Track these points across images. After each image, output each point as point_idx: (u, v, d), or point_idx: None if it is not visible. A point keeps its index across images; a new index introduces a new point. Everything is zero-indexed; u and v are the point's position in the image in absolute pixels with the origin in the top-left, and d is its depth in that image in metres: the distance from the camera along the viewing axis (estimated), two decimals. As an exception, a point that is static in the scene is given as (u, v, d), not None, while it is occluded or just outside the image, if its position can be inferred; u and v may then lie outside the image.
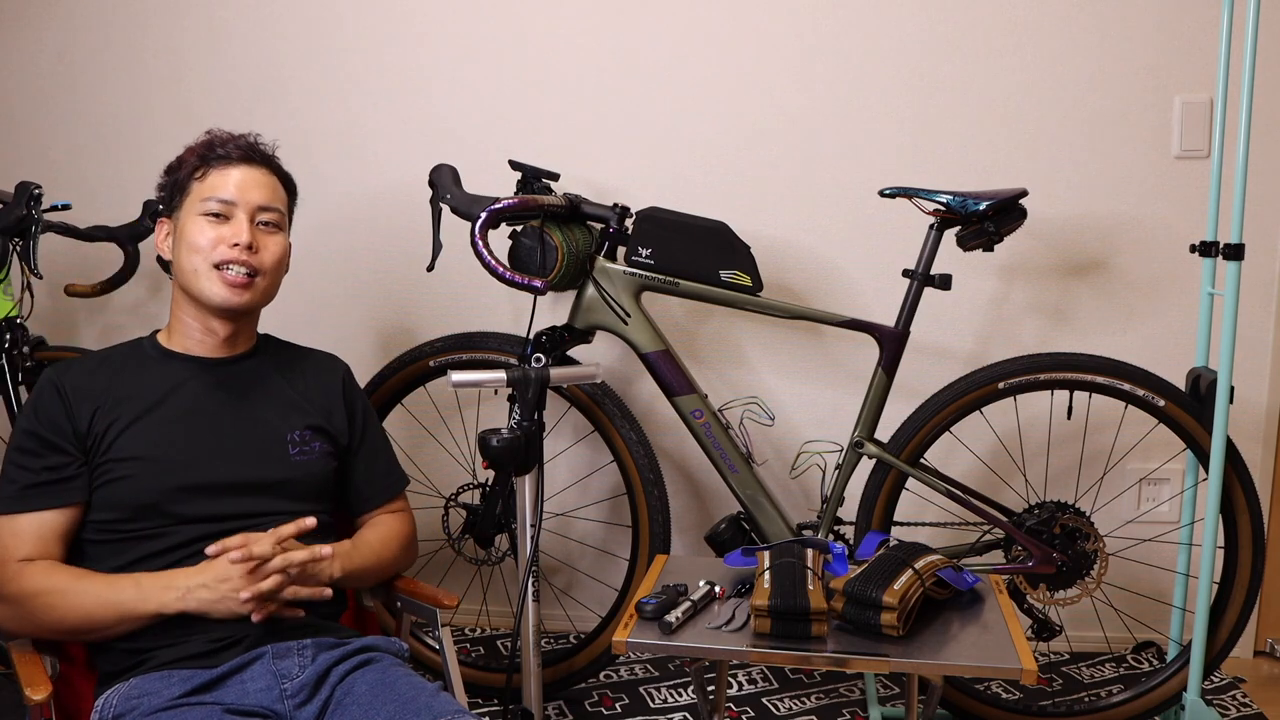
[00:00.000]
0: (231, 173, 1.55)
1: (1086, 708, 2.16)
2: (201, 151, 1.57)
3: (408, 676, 1.43)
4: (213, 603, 1.41)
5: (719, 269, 2.08)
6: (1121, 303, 2.44)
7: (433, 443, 2.63)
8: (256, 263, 1.54)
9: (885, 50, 2.41)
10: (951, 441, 2.44)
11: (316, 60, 2.56)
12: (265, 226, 1.57)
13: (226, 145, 1.57)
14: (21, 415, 1.50)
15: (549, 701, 2.29)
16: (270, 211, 1.57)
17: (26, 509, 1.44)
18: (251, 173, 1.56)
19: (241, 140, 1.59)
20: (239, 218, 1.54)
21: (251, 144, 1.60)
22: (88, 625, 1.41)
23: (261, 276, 1.56)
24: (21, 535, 1.44)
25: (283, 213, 1.61)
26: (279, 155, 1.64)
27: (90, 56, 2.62)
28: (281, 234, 1.60)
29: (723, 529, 2.13)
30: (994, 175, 2.41)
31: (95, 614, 1.40)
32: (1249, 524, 2.05)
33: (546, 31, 2.49)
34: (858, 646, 1.47)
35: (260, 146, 1.61)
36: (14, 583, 1.41)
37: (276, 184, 1.60)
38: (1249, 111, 1.83)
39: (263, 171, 1.58)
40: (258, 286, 1.56)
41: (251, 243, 1.53)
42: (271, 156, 1.62)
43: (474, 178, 2.25)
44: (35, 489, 1.45)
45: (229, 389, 1.57)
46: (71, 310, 2.69)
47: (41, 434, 1.47)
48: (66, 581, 1.41)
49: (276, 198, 1.59)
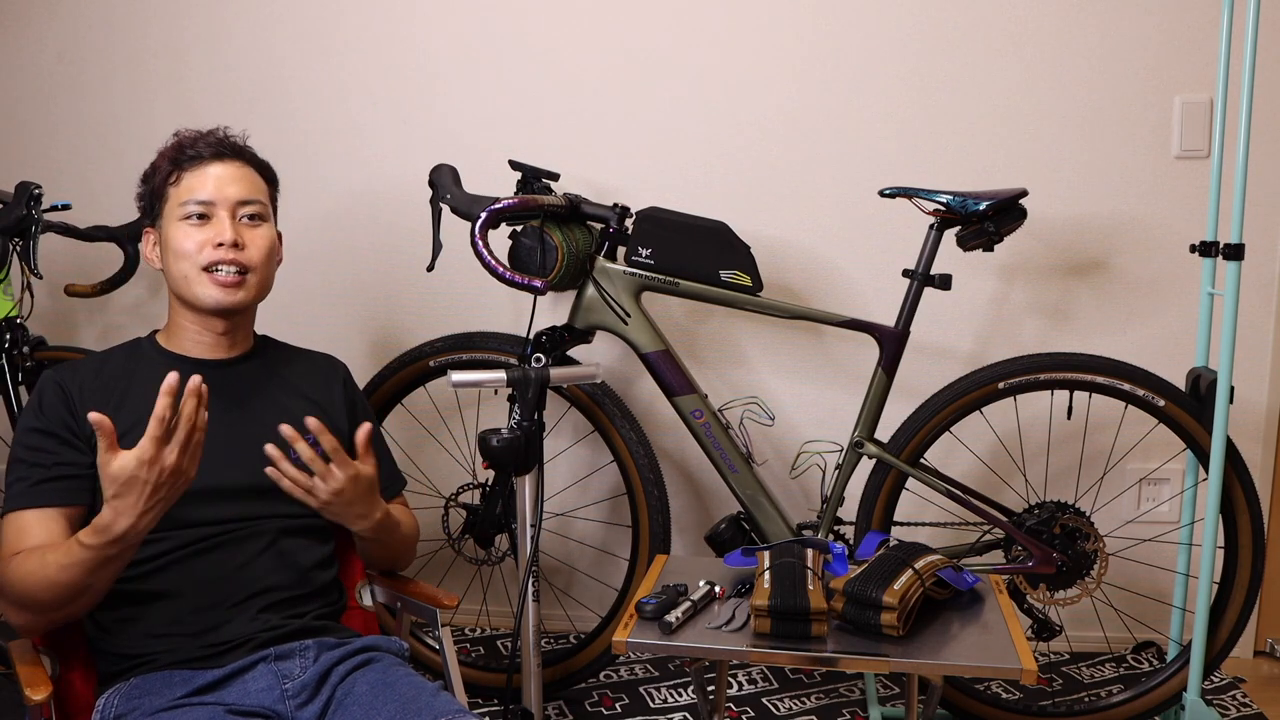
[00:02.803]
0: (205, 172, 1.51)
1: (1086, 708, 2.16)
2: (172, 155, 1.53)
3: (408, 676, 1.43)
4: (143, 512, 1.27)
5: (719, 269, 2.08)
6: (1121, 303, 2.44)
7: (433, 443, 2.63)
8: (245, 259, 1.52)
9: (885, 50, 2.41)
10: (951, 441, 2.44)
11: (316, 60, 2.56)
12: (249, 220, 1.54)
13: (196, 144, 1.53)
14: (27, 415, 1.49)
15: (549, 701, 2.29)
16: (251, 204, 1.54)
17: (36, 504, 1.42)
18: (226, 168, 1.53)
19: (210, 136, 1.55)
20: (220, 216, 1.51)
21: (221, 139, 1.55)
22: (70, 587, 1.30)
23: (253, 272, 1.54)
24: (27, 531, 1.41)
25: (264, 203, 1.57)
26: (252, 144, 1.59)
27: (91, 56, 2.62)
28: (266, 225, 1.57)
29: (723, 529, 2.14)
30: (994, 175, 2.41)
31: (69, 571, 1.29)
32: (1249, 524, 2.05)
33: (547, 31, 2.49)
34: (858, 646, 1.47)
35: (231, 139, 1.57)
36: (6, 573, 1.36)
37: (253, 175, 1.56)
38: (1249, 111, 1.83)
39: (237, 165, 1.54)
40: (250, 283, 1.54)
41: (236, 240, 1.51)
42: (243, 147, 1.58)
43: (474, 178, 2.25)
44: (48, 484, 1.43)
45: (229, 392, 1.56)
46: (71, 310, 2.69)
47: (52, 430, 1.45)
48: (39, 558, 1.33)
49: (256, 189, 1.56)
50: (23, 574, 1.34)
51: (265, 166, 1.61)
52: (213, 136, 1.55)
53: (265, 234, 1.56)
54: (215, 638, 1.43)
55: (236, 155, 1.56)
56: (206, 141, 1.54)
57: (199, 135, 1.55)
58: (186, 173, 1.52)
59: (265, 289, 1.58)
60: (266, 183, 1.60)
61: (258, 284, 1.56)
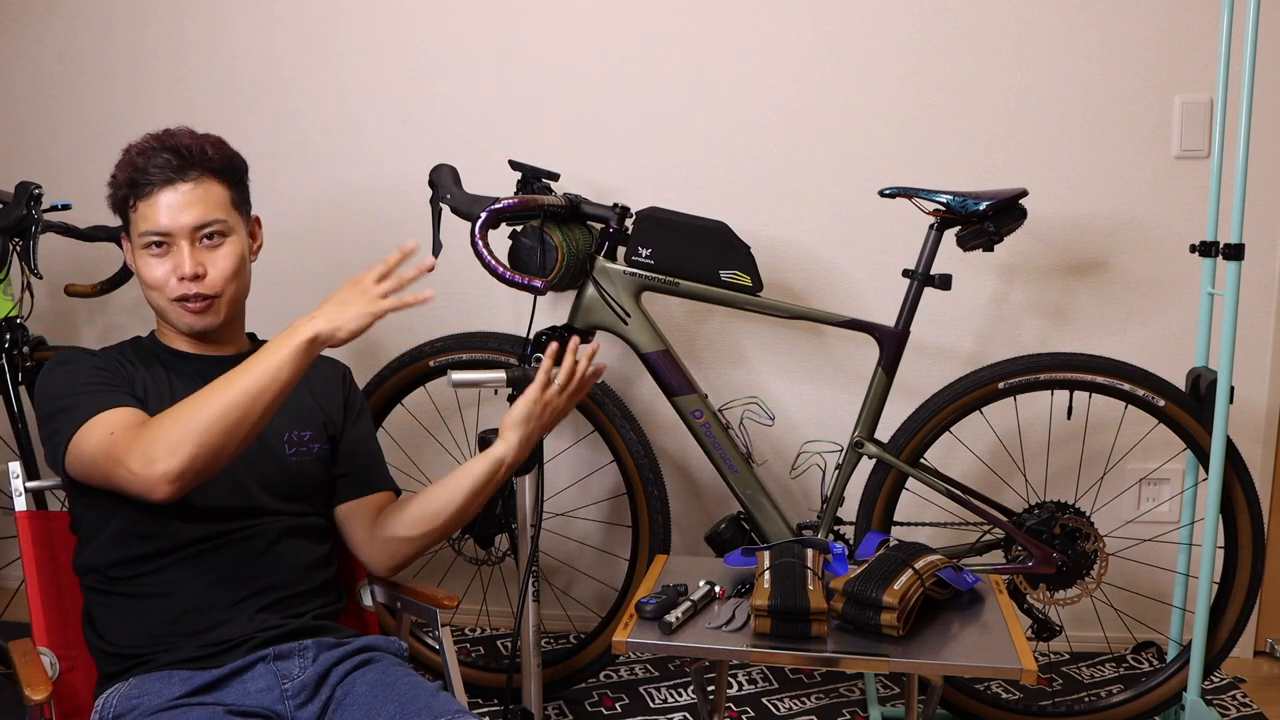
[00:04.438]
0: (158, 202, 1.45)
1: (1086, 708, 2.16)
2: (126, 176, 1.47)
3: (408, 676, 1.43)
4: (340, 315, 1.32)
5: (719, 269, 2.08)
6: (1121, 303, 2.44)
7: (433, 443, 2.63)
8: (208, 288, 1.49)
9: (885, 50, 2.41)
10: (951, 441, 2.43)
11: (316, 60, 2.56)
12: (208, 241, 1.49)
13: (148, 169, 1.45)
14: (55, 372, 1.45)
15: (549, 701, 2.29)
16: (209, 225, 1.47)
17: (124, 404, 1.40)
18: (177, 194, 1.45)
19: (160, 158, 1.46)
20: (180, 246, 1.46)
21: (168, 161, 1.46)
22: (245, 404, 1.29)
23: (219, 296, 1.51)
24: (128, 415, 1.38)
25: (224, 219, 1.49)
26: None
27: (91, 56, 2.62)
28: (230, 238, 1.50)
29: (723, 529, 2.13)
30: (994, 175, 2.41)
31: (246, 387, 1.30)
32: (1249, 524, 2.05)
33: (547, 31, 2.49)
34: (858, 646, 1.47)
35: (182, 151, 1.47)
36: (150, 427, 1.32)
37: (210, 187, 1.48)
38: (1249, 111, 1.83)
39: (189, 186, 1.46)
40: (219, 306, 1.51)
41: (196, 270, 1.47)
42: (195, 157, 1.48)
43: (474, 178, 2.25)
44: (123, 393, 1.44)
45: None
46: (71, 310, 2.69)
47: (99, 365, 1.47)
48: (198, 395, 1.32)
49: (213, 206, 1.48)
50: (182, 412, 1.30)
51: (227, 165, 1.53)
52: (162, 155, 1.46)
53: (229, 252, 1.50)
54: (214, 637, 1.43)
55: (189, 170, 1.47)
56: (156, 164, 1.46)
57: (151, 150, 1.47)
58: (140, 200, 1.46)
59: (240, 298, 1.56)
60: (229, 185, 1.52)
61: (228, 302, 1.53)
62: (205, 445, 1.29)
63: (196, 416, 1.30)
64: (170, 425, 1.30)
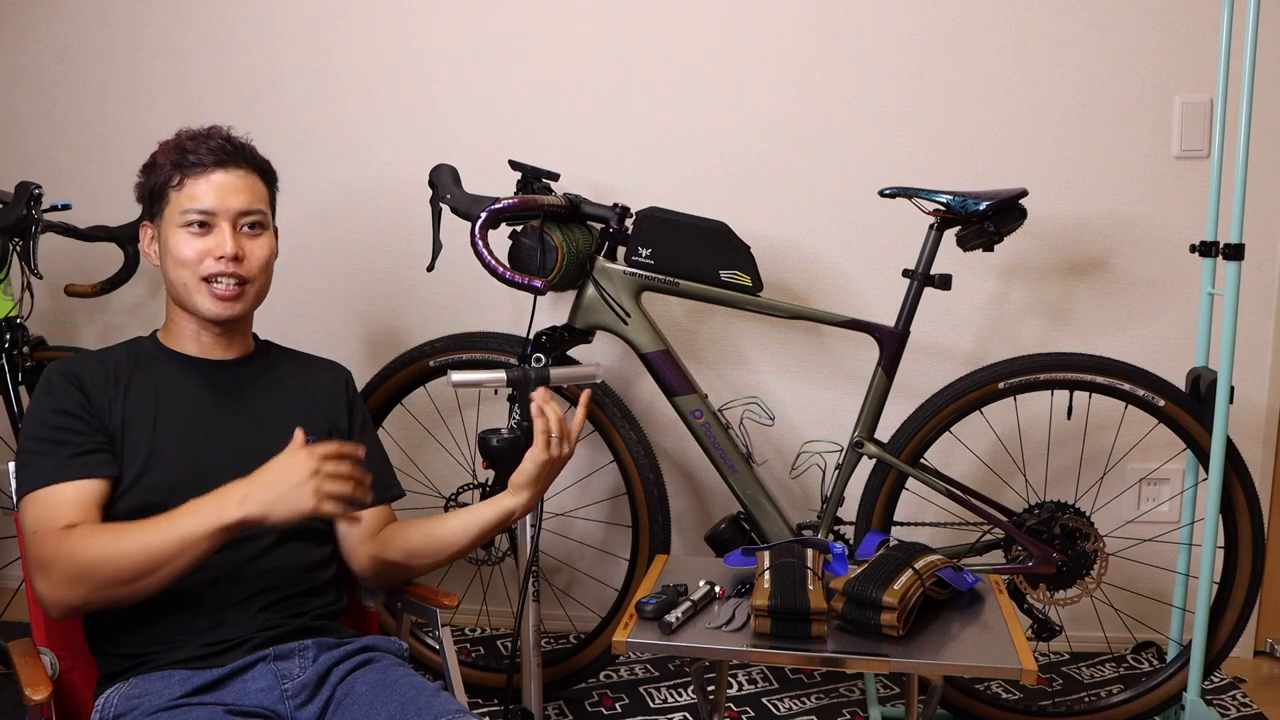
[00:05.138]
0: (209, 180, 1.48)
1: (1086, 708, 2.16)
2: (175, 158, 1.50)
3: (408, 676, 1.43)
4: (273, 503, 1.31)
5: (719, 269, 2.08)
6: (1121, 303, 2.44)
7: (433, 443, 2.63)
8: (245, 271, 1.51)
9: (885, 50, 2.41)
10: (951, 441, 2.43)
11: (316, 60, 2.56)
12: (249, 230, 1.52)
13: (199, 150, 1.49)
14: (40, 401, 1.46)
15: (549, 701, 2.29)
16: (253, 214, 1.52)
17: (69, 478, 1.40)
18: (229, 177, 1.50)
19: (214, 142, 1.51)
20: (222, 228, 1.49)
21: (223, 145, 1.51)
22: (148, 565, 1.31)
23: (251, 283, 1.52)
24: (64, 504, 1.38)
25: (265, 211, 1.54)
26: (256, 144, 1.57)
27: (91, 56, 2.62)
28: (267, 233, 1.55)
29: (723, 529, 2.14)
30: (994, 175, 2.41)
31: (154, 548, 1.31)
32: (1249, 524, 2.05)
33: (547, 31, 2.49)
34: (858, 646, 1.47)
35: (234, 141, 1.54)
36: (61, 545, 1.34)
37: (255, 182, 1.54)
38: (1249, 111, 1.83)
39: (240, 173, 1.51)
40: (248, 295, 1.53)
41: (237, 252, 1.49)
42: (245, 152, 1.54)
43: (474, 178, 2.25)
44: (77, 459, 1.42)
45: (231, 391, 1.56)
46: (71, 310, 2.69)
47: (71, 410, 1.44)
48: (115, 532, 1.35)
49: (257, 198, 1.53)
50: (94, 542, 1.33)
51: (266, 167, 1.59)
52: (215, 140, 1.52)
53: (265, 243, 1.54)
54: (214, 637, 1.43)
55: (240, 161, 1.52)
56: (209, 147, 1.50)
57: (203, 137, 1.52)
58: (189, 178, 1.49)
59: (262, 296, 1.57)
60: (267, 185, 1.58)
61: (256, 293, 1.55)
62: (100, 592, 1.32)
63: (103, 558, 1.32)
64: (78, 555, 1.32)
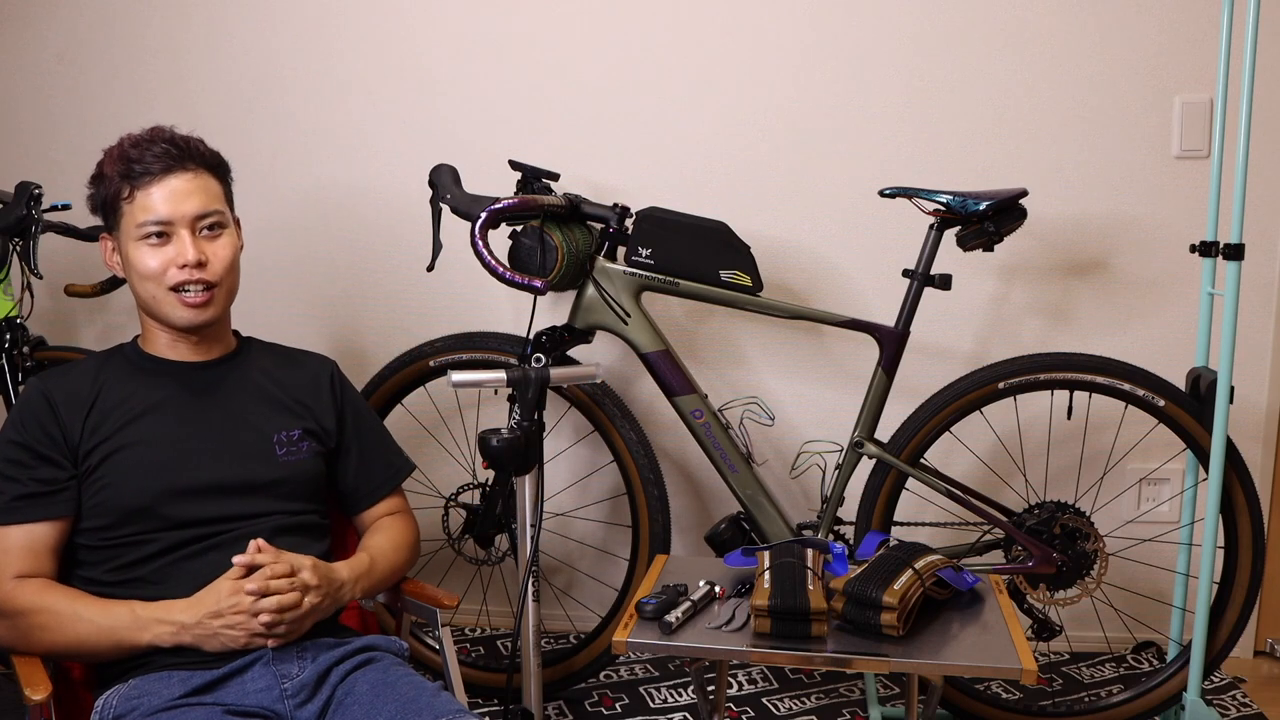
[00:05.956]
0: (160, 188, 1.46)
1: (1086, 708, 2.16)
2: (121, 169, 1.47)
3: (408, 676, 1.43)
4: (206, 638, 1.39)
5: (719, 269, 2.08)
6: (1121, 303, 2.44)
7: (433, 443, 2.63)
8: (210, 275, 1.50)
9: (885, 50, 2.41)
10: (951, 441, 2.43)
11: (316, 60, 2.56)
12: (208, 232, 1.50)
13: (145, 158, 1.46)
14: (8, 427, 1.47)
15: (549, 701, 2.29)
16: (210, 216, 1.50)
17: (16, 520, 1.43)
18: (179, 181, 1.47)
19: (158, 147, 1.48)
20: (180, 235, 1.47)
21: (168, 149, 1.48)
22: (80, 650, 1.41)
23: (219, 286, 1.52)
24: (12, 550, 1.42)
25: (223, 210, 1.52)
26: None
27: (91, 56, 2.62)
28: (226, 231, 1.53)
29: (723, 529, 2.13)
30: (994, 175, 2.41)
31: (89, 640, 1.39)
32: (1249, 524, 2.05)
33: (547, 31, 2.49)
34: (858, 646, 1.47)
35: (178, 142, 1.50)
36: (9, 601, 1.40)
37: (208, 180, 1.51)
38: (1249, 111, 1.83)
39: (190, 175, 1.48)
40: (218, 298, 1.52)
41: (200, 258, 1.48)
42: (193, 150, 1.50)
43: (474, 178, 2.25)
44: (26, 500, 1.43)
45: (213, 392, 1.56)
46: (71, 310, 2.69)
47: (31, 445, 1.45)
48: (61, 603, 1.40)
49: (212, 198, 1.50)
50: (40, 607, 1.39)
51: (216, 160, 1.55)
52: (159, 144, 1.48)
53: (227, 242, 1.53)
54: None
55: (187, 161, 1.49)
56: (154, 153, 1.47)
57: (147, 142, 1.49)
58: (139, 189, 1.46)
59: (233, 294, 1.57)
60: (220, 180, 1.55)
61: (225, 294, 1.54)
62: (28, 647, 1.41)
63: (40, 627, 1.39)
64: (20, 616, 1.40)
